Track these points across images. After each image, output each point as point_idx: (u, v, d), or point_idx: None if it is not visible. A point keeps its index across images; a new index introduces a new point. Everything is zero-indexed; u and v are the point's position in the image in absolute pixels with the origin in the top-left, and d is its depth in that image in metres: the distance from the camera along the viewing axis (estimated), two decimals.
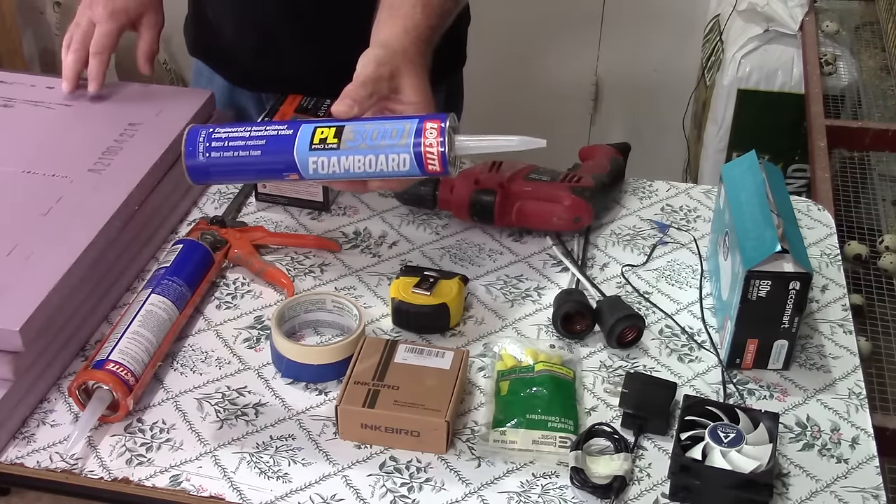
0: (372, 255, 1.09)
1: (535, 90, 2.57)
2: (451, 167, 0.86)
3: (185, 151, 0.89)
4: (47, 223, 0.98)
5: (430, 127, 0.85)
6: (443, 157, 0.85)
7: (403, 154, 0.85)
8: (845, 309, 1.03)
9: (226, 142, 0.89)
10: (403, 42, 0.93)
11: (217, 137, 0.89)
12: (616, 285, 1.06)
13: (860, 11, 2.16)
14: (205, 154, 0.89)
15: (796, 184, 2.07)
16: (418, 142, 0.85)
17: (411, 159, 0.85)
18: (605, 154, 1.18)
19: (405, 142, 0.85)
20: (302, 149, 0.87)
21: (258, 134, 0.88)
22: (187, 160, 0.89)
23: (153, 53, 1.24)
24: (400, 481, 0.84)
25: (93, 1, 1.18)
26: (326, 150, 0.86)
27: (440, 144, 0.85)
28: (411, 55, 0.93)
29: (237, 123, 0.91)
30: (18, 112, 1.16)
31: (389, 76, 0.91)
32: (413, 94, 0.92)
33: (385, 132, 0.86)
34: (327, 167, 0.87)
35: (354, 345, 0.92)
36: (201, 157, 0.89)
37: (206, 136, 0.89)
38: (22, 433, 0.88)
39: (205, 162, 0.89)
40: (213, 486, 0.83)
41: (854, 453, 0.87)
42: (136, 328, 0.91)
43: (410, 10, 0.96)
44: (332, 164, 0.87)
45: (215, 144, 0.89)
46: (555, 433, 0.86)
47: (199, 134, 0.89)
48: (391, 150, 0.85)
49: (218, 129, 0.90)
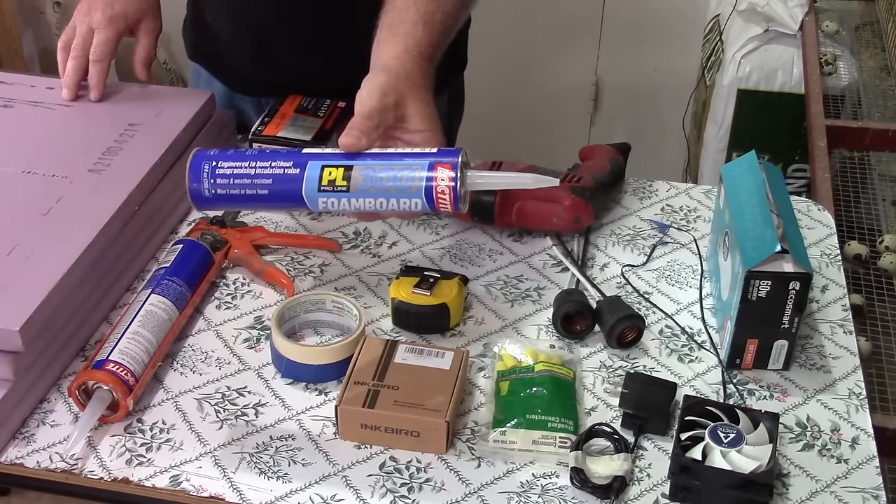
0: (372, 255, 1.10)
1: (536, 91, 2.57)
2: (461, 203, 0.86)
3: (190, 178, 0.90)
4: (47, 223, 0.98)
5: (441, 172, 0.85)
6: (455, 199, 0.85)
7: (415, 198, 0.86)
8: (845, 309, 1.03)
9: (231, 179, 0.89)
10: (406, 64, 0.93)
11: (221, 174, 0.89)
12: (616, 285, 1.06)
13: (860, 11, 2.16)
14: (210, 190, 0.89)
15: (796, 184, 2.07)
16: (430, 186, 0.85)
17: (423, 203, 0.86)
18: (605, 154, 1.18)
19: (416, 185, 0.86)
20: (311, 190, 0.87)
21: (263, 172, 0.88)
22: (192, 191, 0.90)
23: (151, 59, 1.24)
24: (400, 481, 0.84)
25: (91, 7, 1.18)
26: (336, 192, 0.87)
27: (451, 190, 0.85)
28: (414, 78, 0.92)
29: (239, 154, 0.91)
30: (18, 112, 1.16)
31: (395, 105, 0.90)
32: (419, 122, 0.91)
33: (395, 177, 0.86)
34: (337, 206, 0.88)
35: (354, 345, 0.92)
36: (207, 192, 0.89)
37: (210, 171, 0.89)
38: (22, 433, 0.88)
39: (210, 197, 0.90)
40: (213, 486, 0.83)
41: (854, 453, 0.87)
42: (136, 328, 0.91)
43: (412, 27, 0.95)
44: (342, 204, 0.87)
45: (220, 181, 0.89)
46: (555, 433, 0.86)
47: (202, 166, 0.89)
48: (402, 195, 0.86)
49: (221, 163, 0.89)
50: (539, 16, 2.51)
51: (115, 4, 1.18)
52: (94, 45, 1.17)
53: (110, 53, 1.18)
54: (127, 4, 1.19)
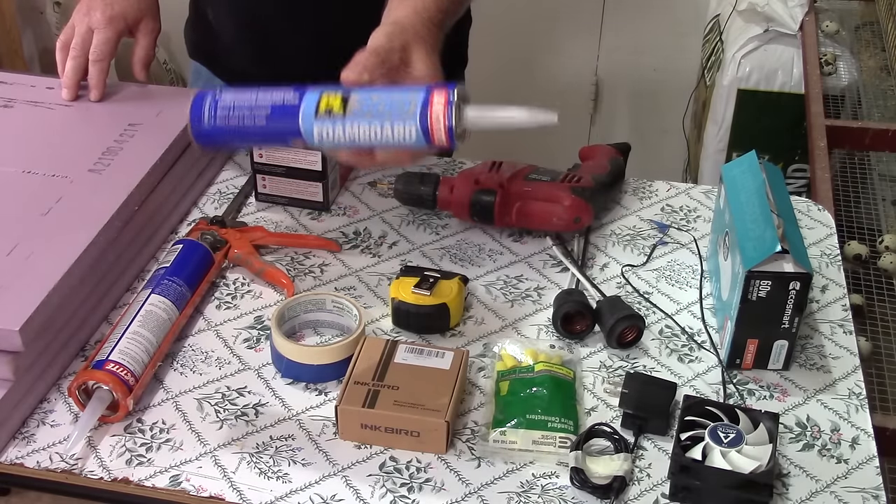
0: (372, 255, 1.10)
1: (536, 90, 2.57)
2: (458, 140, 0.85)
3: (191, 116, 0.89)
4: (47, 223, 0.98)
5: (437, 98, 0.84)
6: (449, 129, 0.84)
7: (410, 125, 0.84)
8: (845, 309, 1.03)
9: (230, 109, 0.88)
10: (414, 21, 0.94)
11: (223, 105, 0.89)
12: (616, 285, 1.06)
13: (860, 11, 2.16)
14: (210, 121, 0.88)
15: (796, 184, 2.07)
16: (425, 113, 0.84)
17: (417, 130, 0.84)
18: (605, 154, 1.18)
19: (412, 111, 0.84)
20: (307, 117, 0.86)
21: (264, 102, 0.88)
22: (192, 125, 0.89)
23: (150, 59, 1.24)
24: (400, 481, 0.84)
25: (90, 7, 1.18)
26: (332, 118, 0.86)
27: (447, 117, 0.83)
28: (422, 33, 0.93)
29: (243, 88, 0.91)
30: (18, 112, 1.16)
31: (401, 48, 0.91)
32: (423, 67, 0.91)
33: (392, 102, 0.85)
34: (332, 136, 0.86)
35: (354, 345, 0.92)
36: (206, 122, 0.89)
37: (212, 103, 0.89)
38: (22, 433, 0.88)
39: (209, 129, 0.89)
40: (213, 486, 0.83)
41: (854, 453, 0.87)
42: (135, 328, 0.91)
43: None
44: (337, 132, 0.86)
45: (220, 112, 0.89)
46: (555, 433, 0.86)
47: (205, 100, 0.89)
48: (397, 121, 0.84)
49: (224, 96, 0.89)
50: (540, 15, 2.51)
51: (115, 5, 1.18)
52: (93, 45, 1.17)
53: (110, 53, 1.18)
54: (126, 5, 1.19)
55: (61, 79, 1.18)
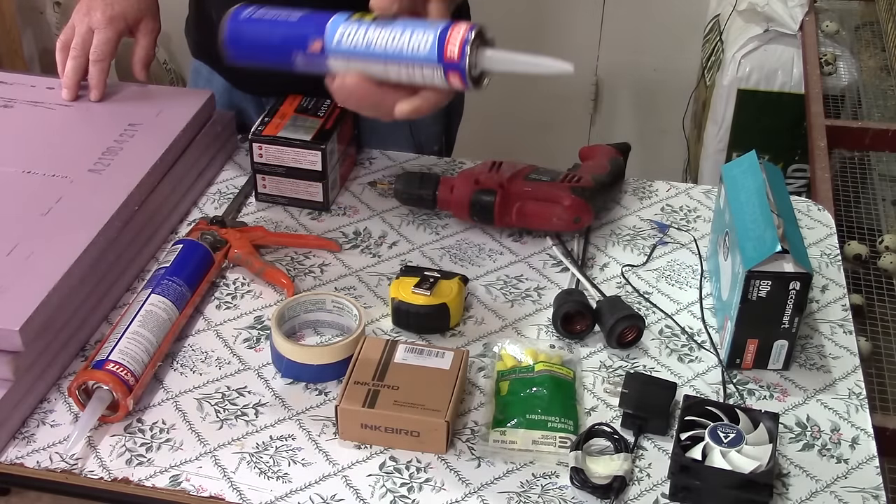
0: (372, 255, 1.10)
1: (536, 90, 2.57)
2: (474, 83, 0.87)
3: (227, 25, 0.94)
4: (47, 223, 0.98)
5: (460, 25, 0.87)
6: (464, 45, 0.86)
7: (428, 33, 0.87)
8: (845, 309, 1.03)
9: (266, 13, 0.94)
10: None
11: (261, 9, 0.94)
12: (616, 285, 1.06)
13: (860, 11, 2.16)
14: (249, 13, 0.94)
15: (796, 184, 2.07)
16: (446, 28, 0.87)
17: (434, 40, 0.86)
18: (605, 154, 1.18)
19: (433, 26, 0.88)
20: (338, 19, 0.90)
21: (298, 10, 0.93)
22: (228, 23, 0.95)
23: (150, 59, 1.24)
24: (400, 481, 0.84)
25: (90, 7, 1.18)
26: (358, 21, 0.89)
27: (465, 32, 0.86)
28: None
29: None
30: (18, 112, 1.16)
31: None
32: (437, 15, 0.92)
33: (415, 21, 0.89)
34: (352, 38, 0.89)
35: (354, 345, 0.92)
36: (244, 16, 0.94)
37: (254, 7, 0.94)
38: (22, 433, 0.88)
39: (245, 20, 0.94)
40: (213, 486, 0.83)
41: (854, 453, 0.87)
42: (135, 328, 0.91)
43: None
44: (357, 35, 0.89)
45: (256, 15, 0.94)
46: (555, 433, 0.86)
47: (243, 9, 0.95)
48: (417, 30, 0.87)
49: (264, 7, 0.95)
50: (539, 14, 2.51)
51: (115, 5, 1.18)
52: (94, 45, 1.17)
53: (110, 53, 1.18)
54: (126, 5, 1.19)
55: (61, 79, 1.18)
